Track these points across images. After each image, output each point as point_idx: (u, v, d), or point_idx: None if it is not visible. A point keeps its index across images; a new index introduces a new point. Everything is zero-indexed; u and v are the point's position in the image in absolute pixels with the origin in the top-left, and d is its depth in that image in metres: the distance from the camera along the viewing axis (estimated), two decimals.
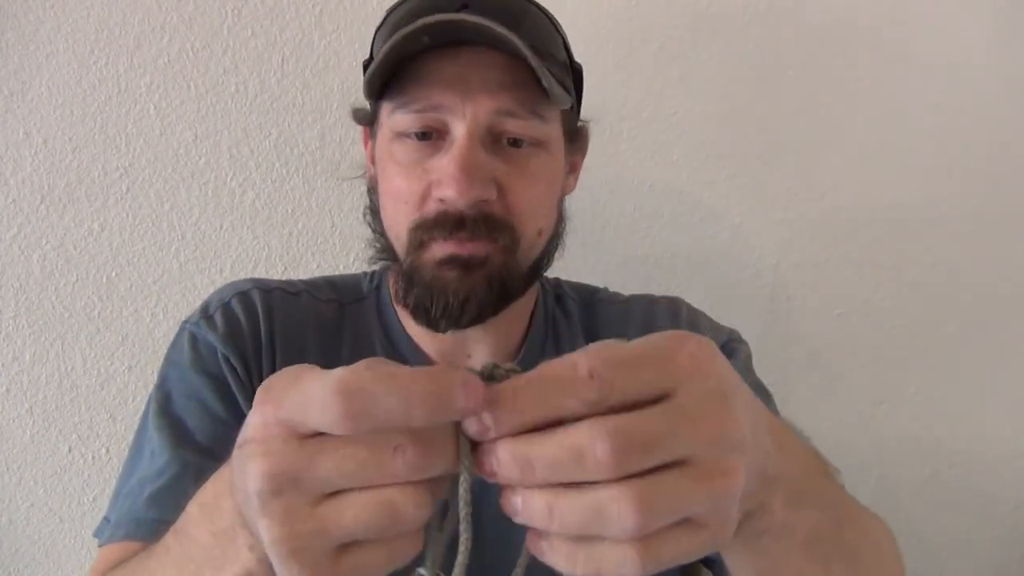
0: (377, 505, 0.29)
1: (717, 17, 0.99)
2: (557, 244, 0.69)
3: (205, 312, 0.67)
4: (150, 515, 0.59)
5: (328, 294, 0.72)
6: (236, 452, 0.32)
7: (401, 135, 0.61)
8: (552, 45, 0.63)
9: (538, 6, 0.64)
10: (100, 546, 0.61)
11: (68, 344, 0.94)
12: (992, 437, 1.11)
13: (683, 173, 1.01)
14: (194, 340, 0.66)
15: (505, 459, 0.29)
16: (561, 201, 0.68)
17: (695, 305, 0.77)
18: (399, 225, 0.62)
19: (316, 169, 0.95)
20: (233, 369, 0.64)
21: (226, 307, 0.67)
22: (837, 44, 1.00)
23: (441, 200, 0.59)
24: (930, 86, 1.02)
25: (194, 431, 0.62)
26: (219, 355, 0.64)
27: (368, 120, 0.67)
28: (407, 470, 0.29)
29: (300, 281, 0.73)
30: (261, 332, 0.66)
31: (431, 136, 0.60)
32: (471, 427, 0.29)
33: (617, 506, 0.28)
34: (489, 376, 0.31)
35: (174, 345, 0.67)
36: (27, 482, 0.95)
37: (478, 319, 0.61)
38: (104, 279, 0.94)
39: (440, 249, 0.60)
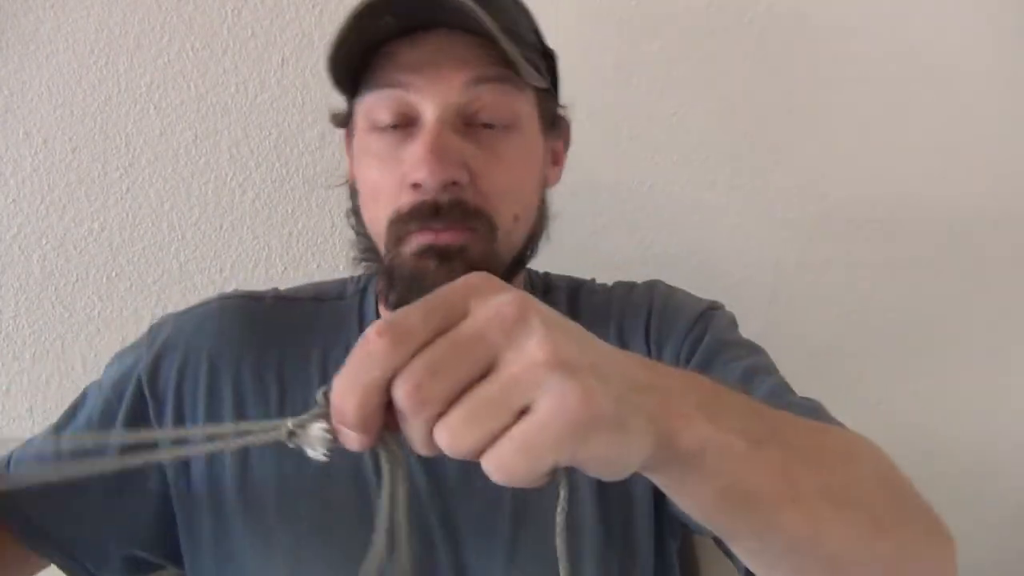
0: None
1: (717, 17, 0.99)
2: (540, 235, 0.67)
3: (150, 331, 0.69)
4: None
5: (305, 294, 0.72)
6: None
7: (374, 128, 0.61)
8: (520, 27, 0.62)
9: None
10: None
11: (68, 344, 0.94)
12: (992, 437, 1.11)
13: (683, 173, 1.01)
14: (130, 356, 0.67)
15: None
16: (542, 190, 0.67)
17: None
18: (378, 221, 0.61)
19: (316, 169, 0.95)
20: (140, 395, 0.64)
21: (175, 333, 0.67)
22: (837, 44, 1.00)
23: (414, 186, 0.58)
24: (930, 86, 1.02)
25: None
26: (134, 379, 0.64)
27: (344, 121, 0.67)
28: None
29: (276, 288, 0.73)
30: (203, 359, 0.65)
31: (403, 124, 0.60)
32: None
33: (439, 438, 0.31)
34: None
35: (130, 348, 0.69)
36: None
37: None
38: (104, 279, 0.94)
39: (417, 241, 0.59)
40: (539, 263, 0.72)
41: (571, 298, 0.74)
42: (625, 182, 1.00)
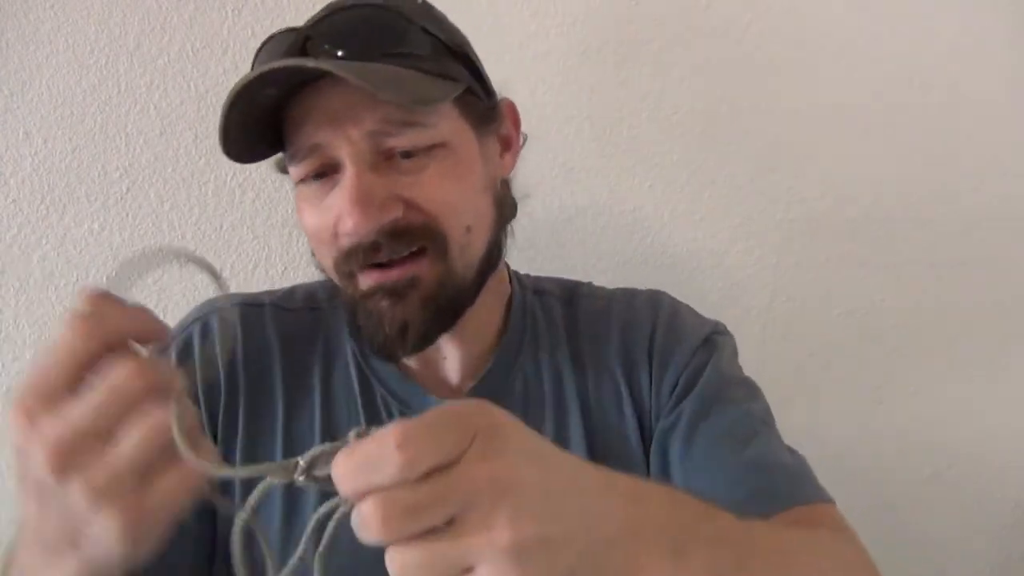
0: None
1: (717, 17, 0.99)
2: (503, 234, 0.66)
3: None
4: None
5: (298, 302, 0.71)
6: None
7: (303, 179, 0.60)
8: (410, 43, 0.59)
9: (379, 5, 0.59)
10: None
11: None
12: (992, 437, 1.11)
13: (683, 173, 1.01)
14: None
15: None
16: (494, 189, 0.65)
17: (695, 305, 0.77)
18: (326, 263, 0.62)
19: None
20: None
21: (185, 346, 0.66)
22: (836, 44, 1.00)
23: (347, 235, 0.57)
24: (930, 86, 1.02)
25: None
26: None
27: (284, 170, 0.66)
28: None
29: (269, 293, 0.73)
30: (219, 367, 0.65)
31: (327, 173, 0.59)
32: None
33: (390, 562, 0.33)
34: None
35: None
36: None
37: (424, 342, 0.60)
38: (104, 279, 0.94)
39: (365, 280, 0.59)
40: (539, 264, 0.72)
41: (567, 303, 0.74)
42: (625, 182, 1.00)
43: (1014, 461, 1.12)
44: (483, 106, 0.64)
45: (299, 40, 0.58)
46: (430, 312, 0.59)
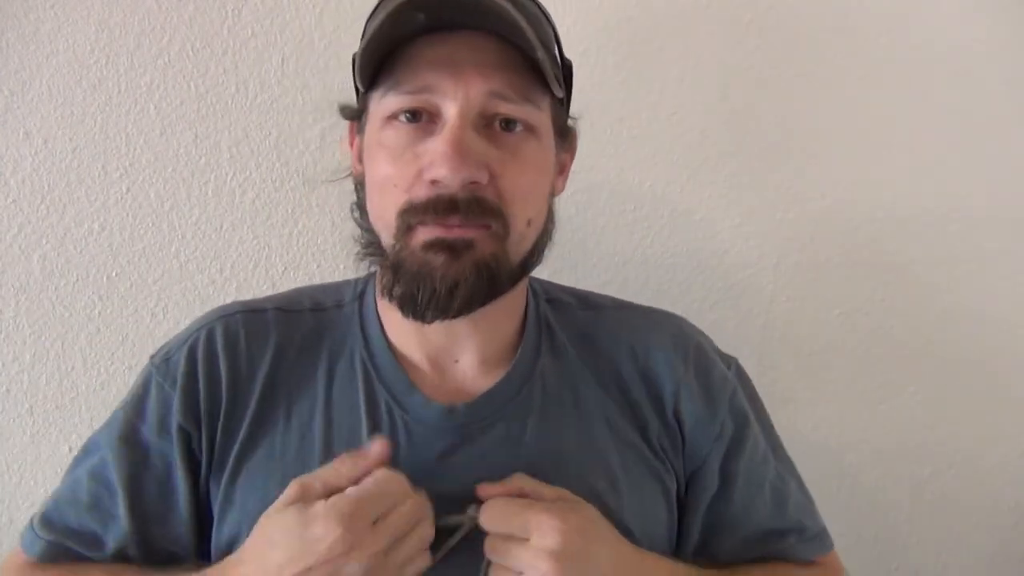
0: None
1: (717, 17, 0.99)
2: (547, 243, 0.67)
3: (167, 362, 0.67)
4: (54, 538, 0.65)
5: (303, 304, 0.71)
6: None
7: (391, 119, 0.60)
8: (545, 35, 0.62)
9: None
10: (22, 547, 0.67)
11: (68, 344, 0.94)
12: (992, 437, 1.12)
13: (683, 173, 1.01)
14: (159, 394, 0.66)
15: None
16: (551, 198, 0.67)
17: (695, 305, 0.77)
18: (388, 212, 0.60)
19: (316, 169, 0.95)
20: (186, 436, 0.65)
21: (189, 358, 0.67)
22: (837, 44, 1.01)
23: (433, 182, 0.57)
24: (930, 86, 1.02)
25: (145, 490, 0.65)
26: (175, 423, 0.65)
27: (356, 114, 0.66)
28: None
29: (271, 298, 0.73)
30: (222, 378, 0.66)
31: (422, 118, 0.59)
32: None
33: None
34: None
35: (143, 385, 0.68)
36: (27, 482, 0.95)
37: (467, 307, 0.59)
38: (104, 279, 0.94)
39: (426, 233, 0.58)
40: (539, 264, 0.72)
41: (582, 313, 0.74)
42: (625, 182, 1.00)
43: (1014, 461, 1.12)
44: (566, 121, 0.67)
45: None
46: (482, 279, 0.59)
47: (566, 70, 0.66)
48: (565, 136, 0.67)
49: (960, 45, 1.01)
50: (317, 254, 0.97)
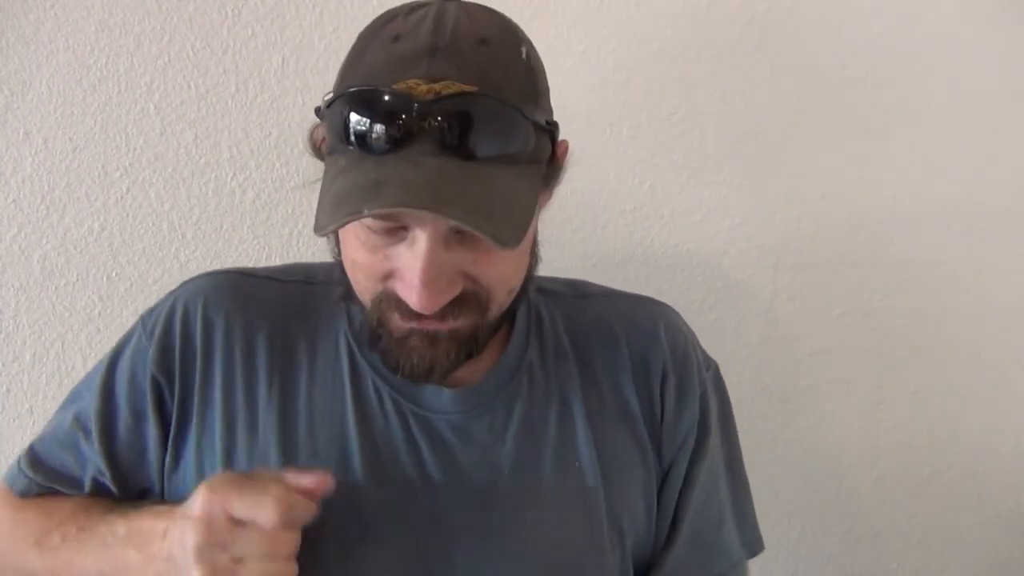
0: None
1: (717, 17, 0.99)
2: (532, 276, 0.66)
3: (150, 314, 0.69)
4: (39, 479, 0.68)
5: (294, 276, 0.71)
6: (181, 519, 0.55)
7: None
8: (514, 141, 0.55)
9: (492, 96, 0.53)
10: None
11: (68, 344, 0.94)
12: (992, 437, 1.12)
13: (683, 173, 1.01)
14: (137, 345, 0.67)
15: None
16: (536, 232, 0.65)
17: (695, 305, 0.77)
18: (362, 291, 0.60)
19: (316, 169, 0.95)
20: (158, 387, 0.66)
21: (169, 313, 0.67)
22: (837, 44, 1.00)
23: (409, 302, 0.55)
24: (930, 86, 1.02)
25: (119, 435, 0.66)
26: (148, 374, 0.66)
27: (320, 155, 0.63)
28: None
29: (268, 267, 0.74)
30: (196, 334, 0.66)
31: (393, 229, 0.55)
32: None
33: None
34: None
35: (128, 335, 0.70)
36: None
37: (448, 374, 0.61)
38: (104, 279, 0.94)
39: (402, 322, 0.58)
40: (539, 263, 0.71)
41: (572, 302, 0.74)
42: (625, 182, 1.00)
43: (1014, 461, 1.12)
44: (550, 174, 0.62)
45: (408, 106, 0.52)
46: (461, 351, 0.60)
47: (548, 119, 0.59)
48: (553, 176, 0.62)
49: (961, 45, 1.01)
50: (317, 254, 0.97)
